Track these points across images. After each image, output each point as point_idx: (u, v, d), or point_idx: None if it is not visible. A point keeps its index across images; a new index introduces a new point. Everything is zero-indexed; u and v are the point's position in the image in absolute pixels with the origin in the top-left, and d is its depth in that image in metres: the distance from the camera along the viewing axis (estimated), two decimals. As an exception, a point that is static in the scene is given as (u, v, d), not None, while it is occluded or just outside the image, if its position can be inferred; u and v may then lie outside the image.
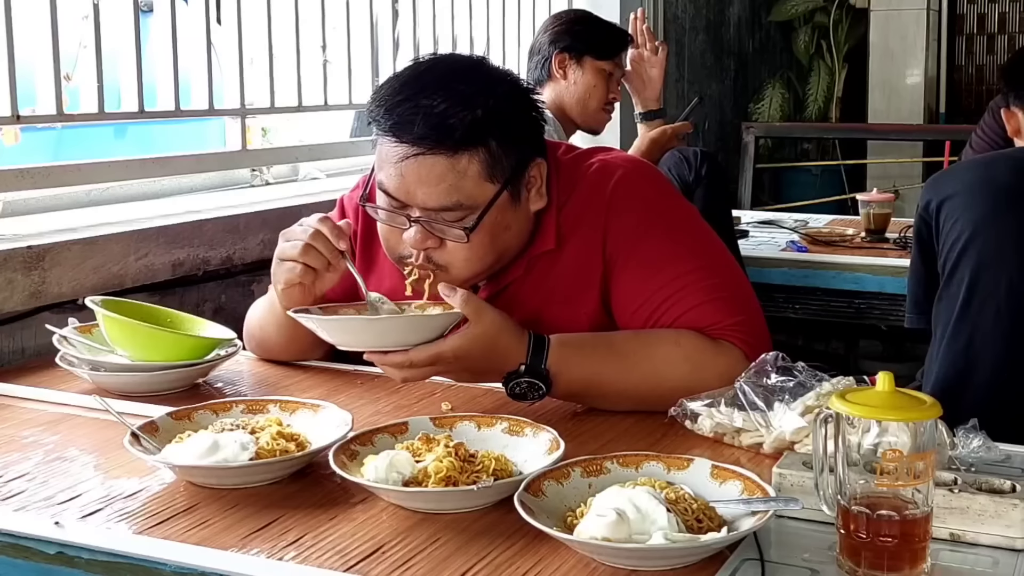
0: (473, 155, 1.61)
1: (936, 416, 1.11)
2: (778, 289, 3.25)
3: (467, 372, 1.64)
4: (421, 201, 1.62)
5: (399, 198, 1.64)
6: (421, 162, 1.60)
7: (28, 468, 1.48)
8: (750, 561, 1.16)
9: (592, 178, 1.79)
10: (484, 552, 1.20)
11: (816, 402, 1.45)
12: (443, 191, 1.61)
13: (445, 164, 1.60)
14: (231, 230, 2.55)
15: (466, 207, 1.63)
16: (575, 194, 1.78)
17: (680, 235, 1.77)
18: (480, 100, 1.62)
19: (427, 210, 1.63)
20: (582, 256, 1.75)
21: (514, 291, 1.78)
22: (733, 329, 1.68)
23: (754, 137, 5.91)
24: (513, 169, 1.66)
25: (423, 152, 1.60)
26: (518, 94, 1.71)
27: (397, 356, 1.58)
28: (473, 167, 1.62)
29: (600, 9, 4.02)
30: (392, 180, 1.63)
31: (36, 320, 2.11)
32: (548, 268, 1.77)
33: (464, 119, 1.59)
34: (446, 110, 1.59)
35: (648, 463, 1.33)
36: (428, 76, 1.66)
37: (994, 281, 2.23)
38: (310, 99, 3.22)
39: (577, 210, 1.77)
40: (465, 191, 1.62)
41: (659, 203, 1.79)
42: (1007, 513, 1.19)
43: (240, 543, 1.23)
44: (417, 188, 1.62)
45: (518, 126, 1.69)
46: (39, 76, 2.42)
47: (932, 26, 7.06)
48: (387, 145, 1.63)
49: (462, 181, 1.61)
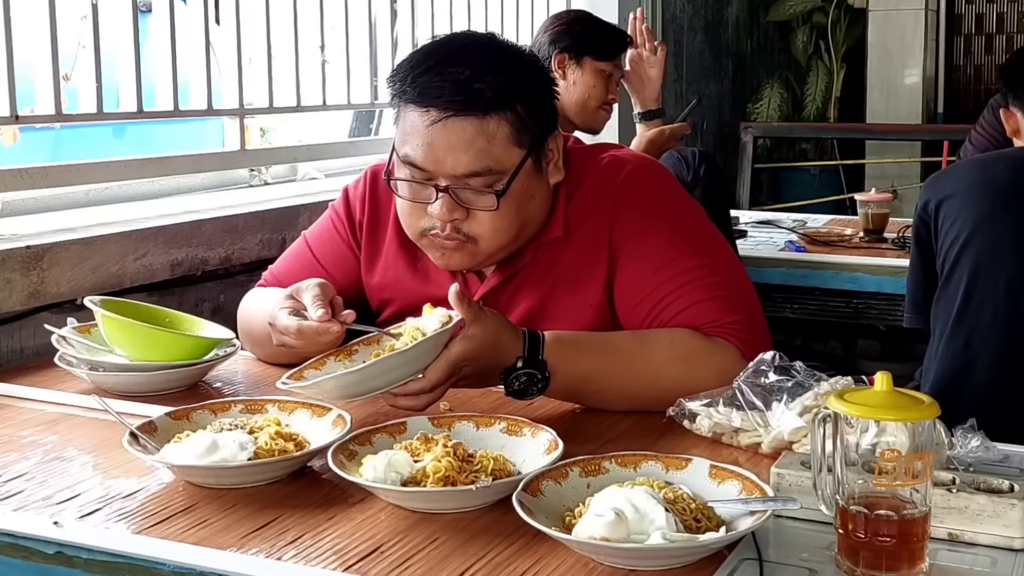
0: (502, 118, 1.64)
1: (934, 416, 1.11)
2: (776, 289, 3.25)
3: (476, 375, 1.61)
4: (451, 168, 1.63)
5: (427, 168, 1.65)
6: (451, 127, 1.62)
7: (27, 468, 1.48)
8: (748, 561, 1.16)
9: (603, 171, 1.80)
10: (483, 552, 1.20)
11: (814, 402, 1.45)
12: (473, 156, 1.63)
13: (475, 127, 1.62)
14: (230, 230, 2.55)
15: (495, 172, 1.65)
16: (584, 185, 1.79)
17: (685, 232, 1.78)
18: (504, 67, 1.67)
19: (456, 178, 1.64)
20: (589, 247, 1.76)
21: (522, 279, 1.79)
22: (731, 327, 1.69)
23: (752, 137, 5.92)
24: (537, 136, 1.70)
25: (453, 115, 1.62)
26: (536, 64, 1.77)
27: (415, 384, 1.53)
28: (503, 130, 1.64)
29: (598, 9, 4.02)
30: (420, 150, 1.64)
31: (35, 320, 2.11)
32: (555, 256, 1.78)
33: (492, 83, 1.63)
34: (472, 75, 1.63)
35: (646, 463, 1.33)
36: (450, 47, 1.71)
37: (992, 281, 2.23)
38: (309, 99, 3.22)
39: (586, 201, 1.78)
40: (494, 155, 1.64)
41: (666, 200, 1.80)
42: (1005, 513, 1.19)
43: (239, 543, 1.23)
44: (447, 155, 1.63)
45: (541, 93, 1.73)
46: (38, 76, 2.42)
47: (930, 26, 7.07)
48: (414, 115, 1.65)
49: (491, 145, 1.63)
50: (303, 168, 3.30)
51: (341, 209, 1.95)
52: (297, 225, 2.72)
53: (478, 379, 1.63)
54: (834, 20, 6.99)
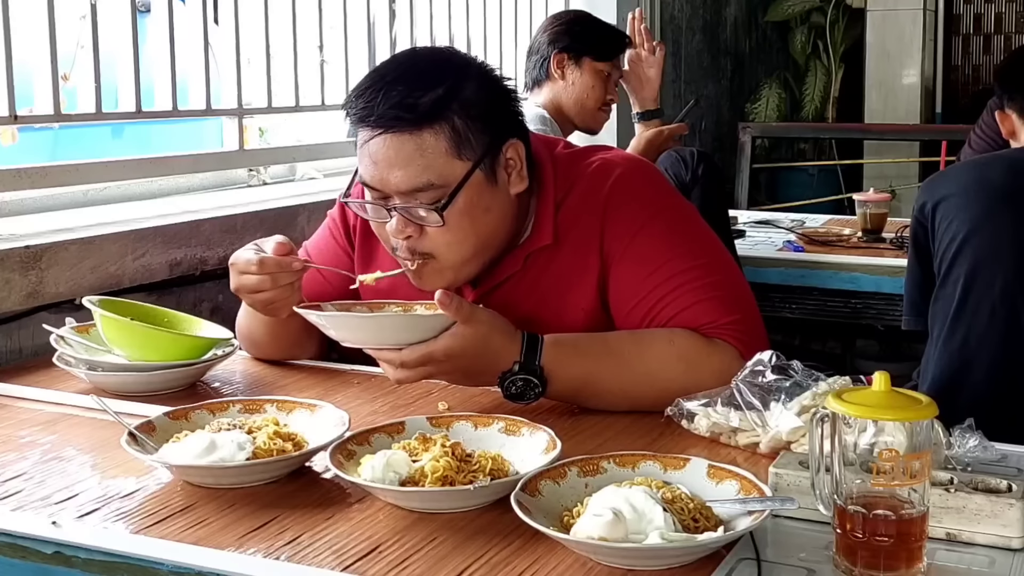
0: (438, 131, 1.62)
1: (932, 416, 1.11)
2: (775, 289, 3.25)
3: (460, 373, 1.64)
4: (395, 185, 1.64)
5: (376, 187, 1.66)
6: (389, 143, 1.63)
7: (25, 468, 1.48)
8: (746, 561, 1.16)
9: (591, 176, 1.79)
10: (481, 552, 1.20)
11: (812, 402, 1.45)
12: (413, 171, 1.62)
13: (411, 142, 1.62)
14: (228, 230, 2.56)
15: (438, 187, 1.63)
16: (574, 191, 1.78)
17: (678, 233, 1.77)
18: (440, 80, 1.65)
19: (403, 195, 1.64)
20: (580, 253, 1.76)
21: (511, 287, 1.78)
22: (728, 328, 1.69)
23: (751, 137, 5.91)
24: (485, 148, 1.67)
25: (387, 130, 1.63)
26: (483, 76, 1.73)
27: (389, 353, 1.59)
28: (440, 143, 1.63)
29: (597, 9, 4.03)
30: (367, 169, 1.66)
31: (33, 320, 2.11)
32: (545, 264, 1.77)
33: (423, 97, 1.62)
34: (405, 90, 1.63)
35: (645, 463, 1.33)
36: (392, 64, 1.74)
37: (989, 281, 2.23)
38: (307, 99, 3.22)
39: (575, 207, 1.77)
40: (435, 169, 1.63)
41: (658, 201, 1.79)
42: (1003, 512, 1.19)
43: (237, 542, 1.23)
44: (389, 172, 1.63)
45: (485, 104, 1.69)
46: (37, 76, 2.42)
47: (928, 26, 7.07)
48: (362, 135, 1.67)
49: (429, 159, 1.62)
50: (302, 168, 3.30)
51: (336, 215, 1.96)
52: (296, 225, 2.72)
53: (462, 376, 1.65)
54: (832, 20, 6.99)
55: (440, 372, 1.62)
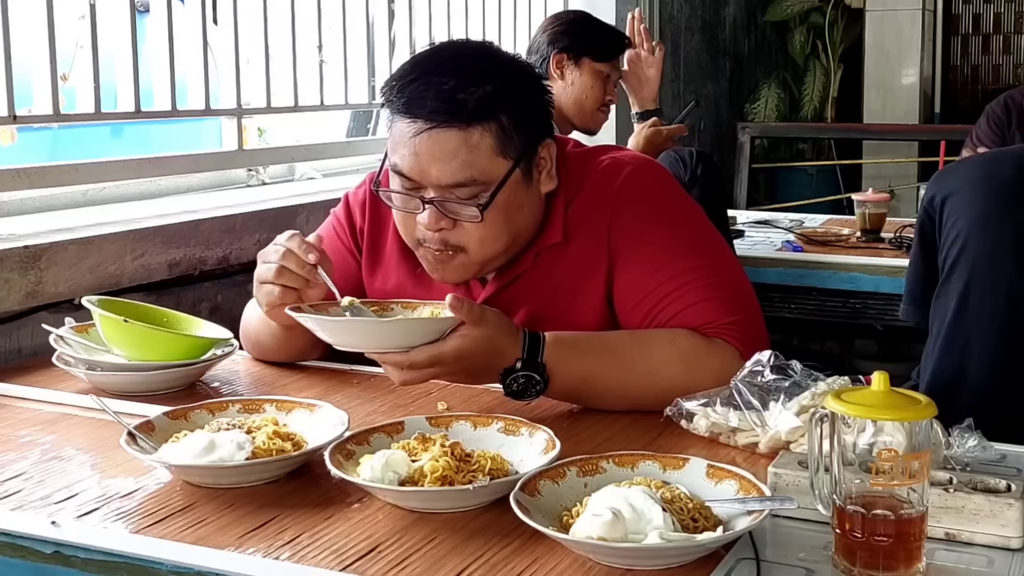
0: (485, 129, 1.64)
1: (931, 416, 1.11)
2: (774, 289, 3.25)
3: (465, 373, 1.63)
4: (435, 178, 1.64)
5: (413, 177, 1.66)
6: (434, 137, 1.63)
7: (25, 467, 1.48)
8: (745, 560, 1.16)
9: (601, 174, 1.80)
10: (480, 551, 1.21)
11: (811, 401, 1.45)
12: (457, 167, 1.63)
13: (458, 138, 1.63)
14: (227, 230, 2.56)
15: (479, 183, 1.65)
16: (583, 189, 1.79)
17: (683, 233, 1.78)
18: (489, 78, 1.66)
19: (441, 188, 1.65)
20: (588, 250, 1.77)
21: (522, 284, 1.79)
22: (729, 328, 1.69)
23: (750, 137, 5.92)
24: (525, 147, 1.69)
25: (436, 126, 1.62)
26: (526, 75, 1.76)
27: (396, 356, 1.57)
28: (485, 141, 1.64)
29: (596, 9, 4.03)
30: (406, 160, 1.65)
31: (33, 320, 2.11)
32: (555, 261, 1.78)
33: (474, 94, 1.63)
34: (456, 86, 1.63)
35: (644, 462, 1.33)
36: (438, 57, 1.73)
37: (993, 280, 2.23)
38: (306, 99, 3.23)
39: (585, 205, 1.78)
40: (478, 166, 1.64)
41: (665, 201, 1.81)
42: (1002, 512, 1.19)
43: (236, 542, 1.23)
44: (431, 165, 1.64)
45: (528, 104, 1.71)
46: (36, 76, 2.42)
47: (927, 26, 7.08)
48: (401, 124, 1.66)
49: (475, 156, 1.63)
50: (301, 168, 3.30)
51: (342, 215, 1.95)
52: (295, 225, 2.72)
53: (466, 376, 1.64)
54: (831, 20, 6.99)
55: (447, 372, 1.61)
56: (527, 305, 1.77)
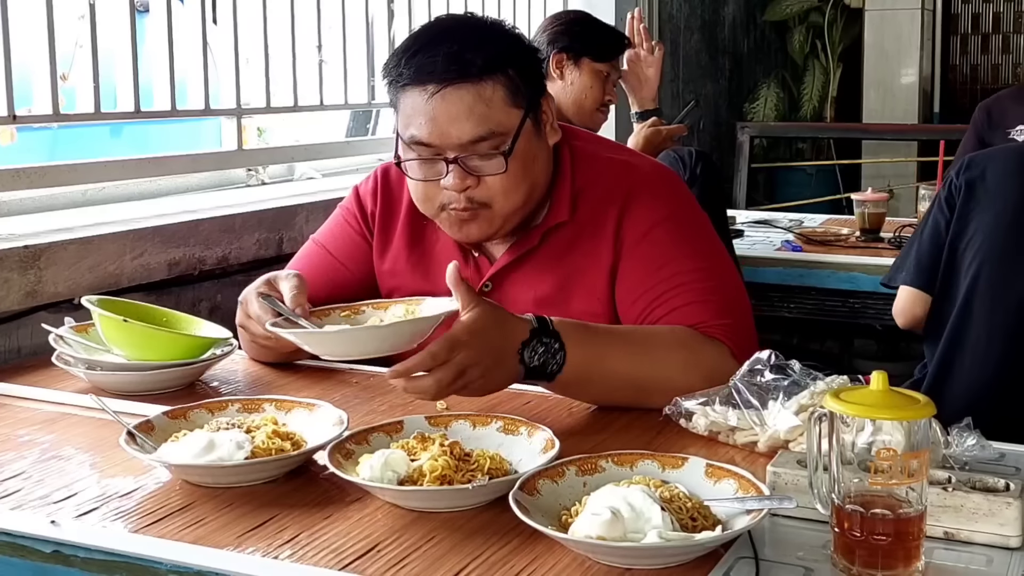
0: (496, 82, 1.71)
1: (930, 415, 1.12)
2: (773, 288, 3.25)
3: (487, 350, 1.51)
4: (456, 138, 1.70)
5: (433, 143, 1.71)
6: (449, 98, 1.69)
7: (24, 467, 1.48)
8: (744, 559, 1.16)
9: (618, 167, 1.87)
10: (479, 551, 1.21)
11: (810, 401, 1.46)
12: (475, 122, 1.69)
13: (472, 94, 1.70)
14: (227, 230, 2.56)
15: (497, 135, 1.71)
16: (595, 178, 1.85)
17: (688, 237, 1.83)
18: (490, 38, 1.77)
19: (462, 146, 1.70)
20: (596, 237, 1.82)
21: (528, 264, 1.84)
22: (721, 328, 1.72)
23: (749, 137, 5.92)
24: (531, 97, 1.77)
25: (448, 84, 1.69)
26: (519, 36, 1.86)
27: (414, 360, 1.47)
28: (498, 93, 1.71)
29: (595, 9, 4.03)
30: (424, 127, 1.70)
31: (32, 319, 2.11)
32: (562, 243, 1.83)
33: (480, 52, 1.71)
34: (461, 48, 1.71)
35: (643, 462, 1.33)
36: (437, 27, 1.80)
37: (1000, 277, 2.22)
38: (306, 99, 3.23)
39: (596, 193, 1.84)
40: (495, 119, 1.71)
41: (675, 202, 1.86)
42: (1001, 512, 1.19)
43: (236, 542, 1.24)
44: (450, 126, 1.69)
45: (528, 59, 1.81)
46: (35, 76, 2.42)
47: (927, 26, 7.08)
48: (412, 95, 1.71)
49: (490, 109, 1.70)
50: (300, 168, 3.30)
51: (352, 204, 2.00)
52: (294, 225, 2.72)
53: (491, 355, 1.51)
54: (830, 20, 7.00)
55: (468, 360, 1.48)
56: (533, 286, 1.82)
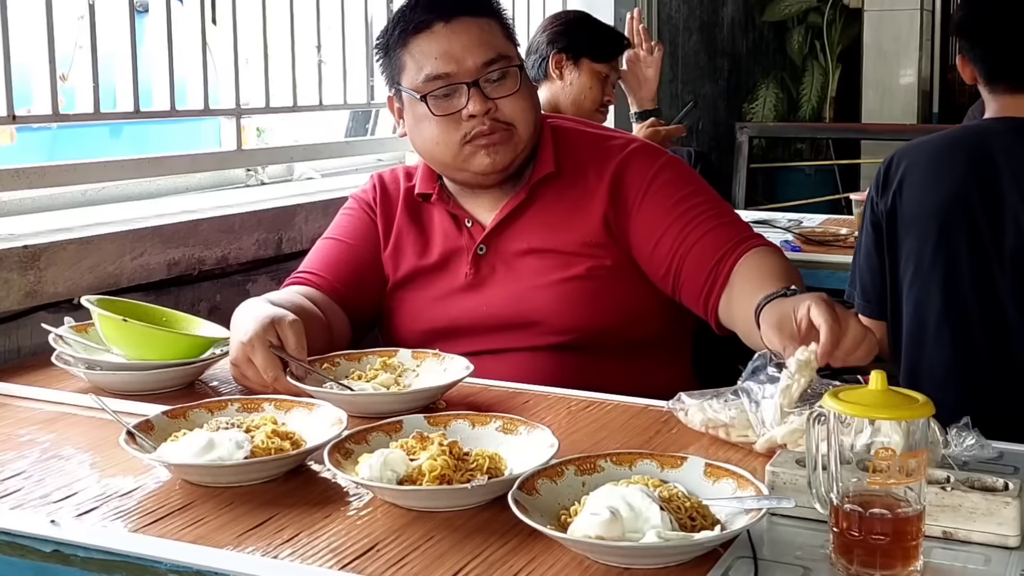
0: (494, 20, 1.99)
1: (929, 415, 1.12)
2: (772, 289, 3.24)
3: None
4: (472, 61, 1.92)
5: (450, 71, 1.91)
6: (458, 29, 1.93)
7: (24, 467, 1.48)
8: (743, 559, 1.17)
9: (612, 140, 2.05)
10: (478, 550, 1.21)
11: (789, 380, 1.44)
12: (486, 47, 1.93)
13: (478, 25, 1.95)
14: (226, 230, 2.56)
15: (504, 58, 1.95)
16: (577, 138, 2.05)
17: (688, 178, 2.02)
18: None
19: (478, 69, 1.91)
20: (587, 189, 1.98)
21: (519, 218, 2.00)
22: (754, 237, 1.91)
23: (748, 137, 5.92)
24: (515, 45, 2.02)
25: (457, 16, 1.93)
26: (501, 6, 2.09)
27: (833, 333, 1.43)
28: (496, 28, 1.98)
29: (595, 9, 4.03)
30: (440, 60, 1.92)
31: (32, 319, 2.11)
32: (549, 195, 2.00)
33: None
34: None
35: (642, 461, 1.33)
36: None
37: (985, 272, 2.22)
38: (305, 99, 3.22)
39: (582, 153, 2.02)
40: (500, 46, 1.96)
41: (667, 157, 2.04)
42: (999, 511, 1.19)
43: (235, 541, 1.24)
44: (464, 53, 1.92)
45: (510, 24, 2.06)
46: (35, 76, 2.42)
47: (925, 26, 7.08)
48: (422, 40, 1.93)
49: (494, 38, 1.96)
50: (299, 168, 3.30)
51: (354, 201, 2.14)
52: (294, 225, 2.73)
53: None
54: (829, 20, 7.00)
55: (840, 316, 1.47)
56: (526, 239, 1.98)
